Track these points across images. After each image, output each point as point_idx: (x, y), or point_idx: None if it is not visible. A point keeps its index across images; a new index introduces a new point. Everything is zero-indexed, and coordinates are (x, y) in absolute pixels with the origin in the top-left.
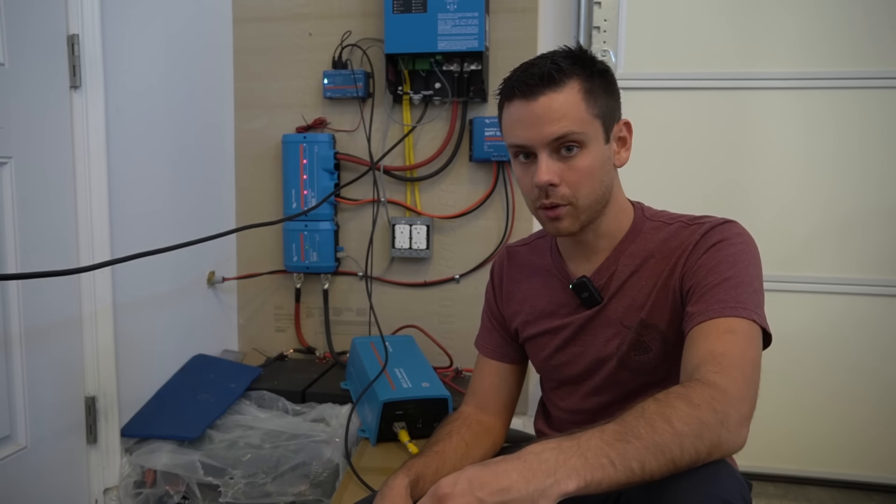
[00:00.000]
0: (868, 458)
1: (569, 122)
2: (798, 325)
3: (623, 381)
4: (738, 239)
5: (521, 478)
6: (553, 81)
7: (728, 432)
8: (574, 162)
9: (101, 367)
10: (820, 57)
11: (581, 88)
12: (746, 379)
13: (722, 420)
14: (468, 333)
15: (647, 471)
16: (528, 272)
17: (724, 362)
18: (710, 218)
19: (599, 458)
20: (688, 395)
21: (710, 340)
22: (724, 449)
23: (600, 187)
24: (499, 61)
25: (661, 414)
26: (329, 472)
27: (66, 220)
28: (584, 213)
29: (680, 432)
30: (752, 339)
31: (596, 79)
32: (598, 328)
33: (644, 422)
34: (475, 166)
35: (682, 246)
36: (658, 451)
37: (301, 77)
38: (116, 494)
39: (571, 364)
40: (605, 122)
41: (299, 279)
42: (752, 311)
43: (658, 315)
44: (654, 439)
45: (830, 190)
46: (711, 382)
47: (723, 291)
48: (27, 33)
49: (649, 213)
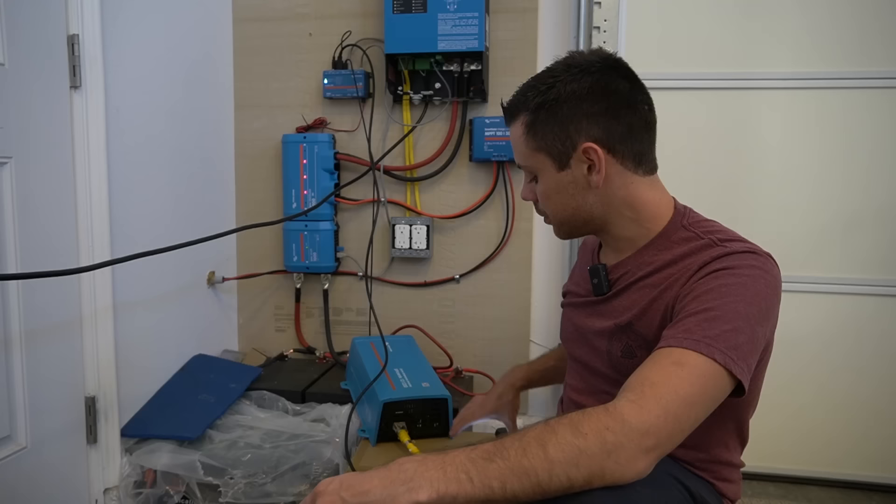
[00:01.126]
0: (868, 458)
1: (518, 154)
2: (799, 326)
3: (603, 377)
4: (746, 272)
5: (381, 483)
6: (510, 116)
7: (615, 464)
8: (536, 186)
9: (101, 367)
10: (820, 57)
11: (524, 122)
12: (665, 414)
13: (609, 451)
14: (468, 333)
15: (510, 491)
16: (585, 252)
17: (646, 392)
18: (740, 243)
19: (458, 474)
20: (578, 422)
21: (652, 367)
22: (608, 479)
23: (564, 208)
24: (499, 61)
25: (538, 438)
26: (329, 473)
27: (66, 220)
28: (562, 227)
29: (552, 459)
30: (700, 377)
31: (541, 111)
32: (597, 317)
33: (518, 445)
34: (475, 166)
35: (694, 264)
36: (522, 474)
37: (301, 77)
38: (116, 494)
39: (572, 342)
40: (552, 153)
41: (299, 279)
42: (718, 350)
43: (647, 325)
44: (522, 462)
45: (831, 190)
46: (617, 411)
47: (695, 322)
48: (27, 33)
49: (689, 220)
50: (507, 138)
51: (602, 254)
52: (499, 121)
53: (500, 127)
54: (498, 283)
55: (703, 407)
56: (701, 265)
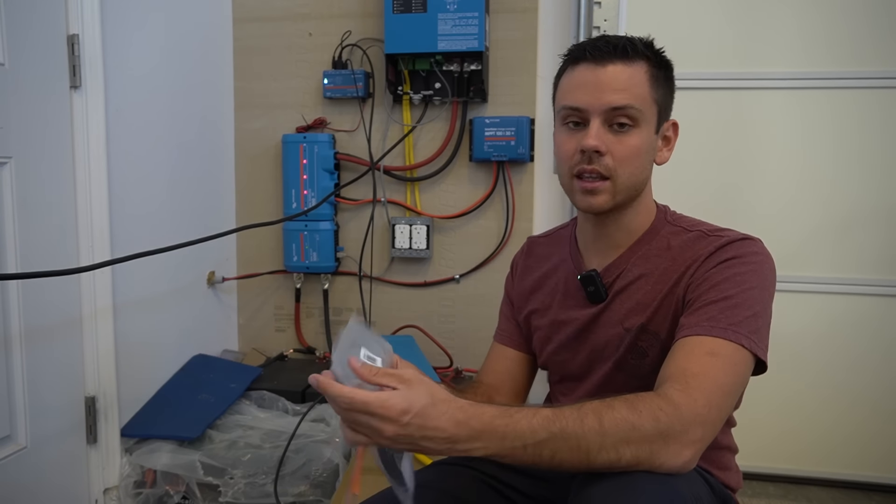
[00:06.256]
0: (868, 458)
1: (631, 95)
2: (797, 325)
3: (618, 384)
4: (753, 258)
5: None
6: (626, 54)
7: (665, 447)
8: (624, 138)
9: (101, 367)
10: (820, 57)
11: (648, 70)
12: (709, 405)
13: (661, 433)
14: (468, 333)
15: (558, 460)
16: (545, 263)
17: (691, 383)
18: (731, 232)
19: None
20: (634, 401)
21: (688, 358)
22: (655, 462)
23: (641, 172)
24: (499, 61)
25: (595, 410)
26: (329, 473)
27: (66, 220)
28: (621, 194)
29: (605, 431)
30: (734, 364)
31: (662, 69)
32: (600, 326)
33: (577, 414)
34: (475, 166)
35: (694, 256)
36: (574, 444)
37: (301, 77)
38: (116, 494)
39: (572, 361)
40: (660, 112)
41: (299, 279)
42: (744, 335)
43: (660, 322)
44: (575, 431)
45: (830, 190)
46: (668, 396)
47: (718, 310)
48: (27, 33)
49: (672, 217)
50: (507, 138)
51: (584, 259)
52: (499, 121)
53: (500, 127)
54: (498, 283)
55: (737, 394)
56: (707, 255)
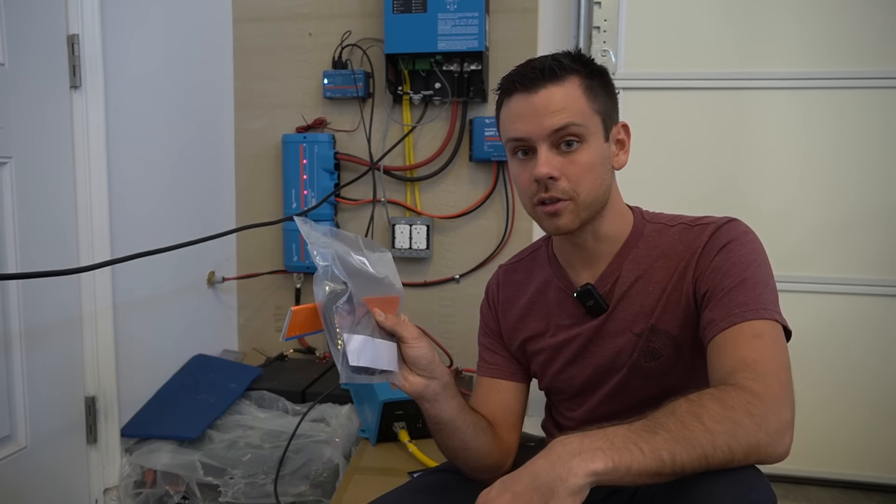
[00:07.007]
0: (868, 458)
1: (569, 114)
2: (797, 325)
3: (635, 388)
4: (747, 238)
5: (547, 463)
6: (554, 75)
7: (767, 437)
8: (574, 156)
9: (101, 367)
10: (820, 57)
11: (581, 84)
12: (782, 385)
13: (759, 424)
14: (468, 333)
15: (679, 463)
16: (527, 289)
17: (758, 369)
18: (711, 218)
19: (627, 444)
20: (721, 396)
21: (738, 347)
22: (762, 454)
23: (601, 185)
24: (499, 61)
25: (691, 412)
26: (329, 473)
27: (66, 220)
28: (585, 211)
29: (711, 430)
30: (779, 340)
31: (595, 77)
32: (607, 337)
33: (674, 418)
34: (475, 166)
35: (690, 248)
36: (689, 445)
37: (301, 77)
38: (116, 494)
39: (579, 377)
40: (604, 120)
41: (299, 279)
42: (773, 311)
43: (669, 320)
44: (685, 433)
45: (830, 190)
46: (747, 388)
47: (741, 294)
48: (27, 33)
49: (649, 216)
50: None
51: (570, 275)
52: None
53: None
54: None
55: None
56: (703, 245)
